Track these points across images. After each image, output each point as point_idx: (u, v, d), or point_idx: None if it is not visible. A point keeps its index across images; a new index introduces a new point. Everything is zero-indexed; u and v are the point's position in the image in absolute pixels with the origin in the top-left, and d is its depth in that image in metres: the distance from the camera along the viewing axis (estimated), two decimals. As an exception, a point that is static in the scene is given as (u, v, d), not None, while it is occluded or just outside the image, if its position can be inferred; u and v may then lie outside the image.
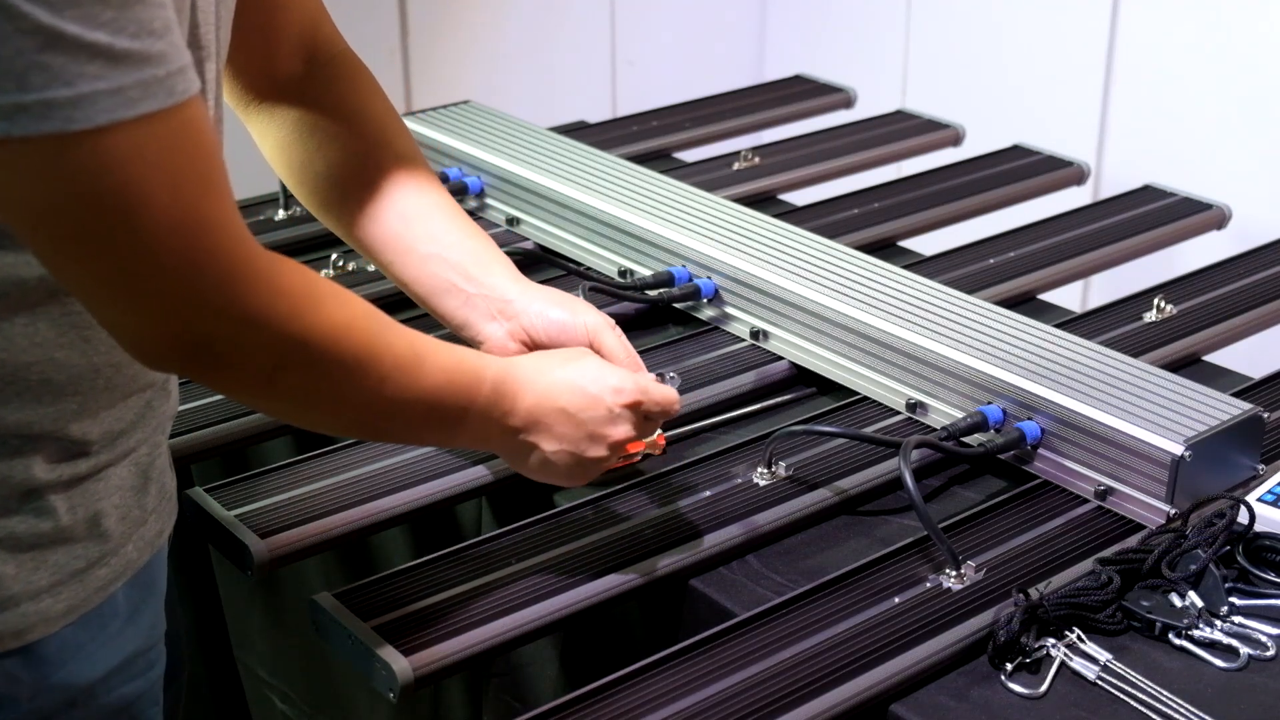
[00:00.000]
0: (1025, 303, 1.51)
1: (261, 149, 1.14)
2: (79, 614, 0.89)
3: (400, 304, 1.48)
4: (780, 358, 1.36)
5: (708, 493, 1.15)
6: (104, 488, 0.89)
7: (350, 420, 0.92)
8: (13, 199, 0.73)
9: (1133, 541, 1.09)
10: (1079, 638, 0.99)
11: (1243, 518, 1.07)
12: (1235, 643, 0.99)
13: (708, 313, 1.43)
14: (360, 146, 1.11)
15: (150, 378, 0.91)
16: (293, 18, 1.09)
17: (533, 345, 1.11)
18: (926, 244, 1.67)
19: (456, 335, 1.12)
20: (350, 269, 1.52)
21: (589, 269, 1.53)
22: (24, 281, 0.81)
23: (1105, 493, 1.13)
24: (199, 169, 0.76)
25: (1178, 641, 0.99)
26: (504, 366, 0.98)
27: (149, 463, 0.94)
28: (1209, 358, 1.40)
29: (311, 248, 1.60)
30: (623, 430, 1.01)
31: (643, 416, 1.02)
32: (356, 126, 1.11)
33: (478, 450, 1.07)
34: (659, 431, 1.23)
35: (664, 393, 1.04)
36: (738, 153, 1.85)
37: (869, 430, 1.23)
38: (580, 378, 1.00)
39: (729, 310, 1.41)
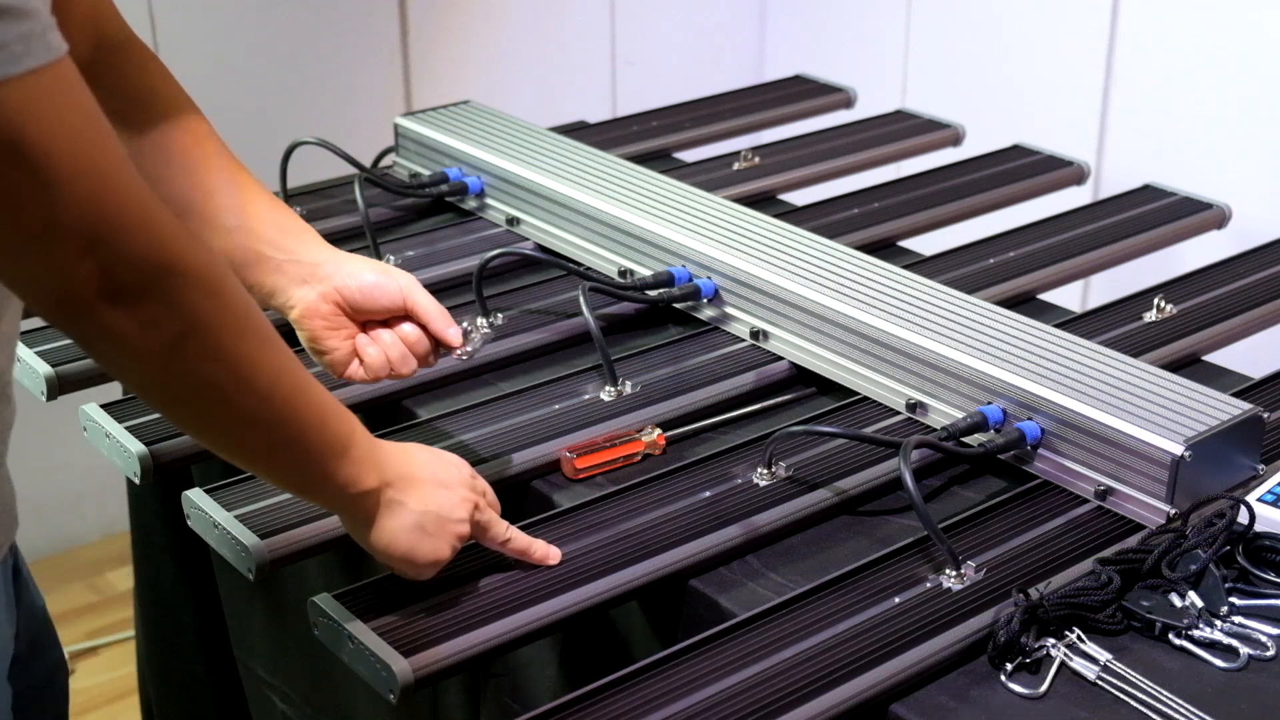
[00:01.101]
0: (1025, 303, 1.51)
1: None
2: None
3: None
4: (780, 358, 1.36)
5: (708, 493, 1.15)
6: None
7: (241, 414, 0.86)
8: None
9: (1133, 541, 1.09)
10: (1079, 638, 0.99)
11: (1243, 518, 1.07)
12: (1235, 643, 0.99)
13: (708, 313, 1.43)
14: (155, 127, 1.10)
15: None
16: (76, 4, 1.07)
17: (345, 306, 1.11)
18: (926, 244, 1.67)
19: (265, 304, 1.11)
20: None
21: (589, 269, 1.53)
22: None
23: (1105, 493, 1.13)
24: (91, 119, 0.76)
25: (1178, 641, 0.99)
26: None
27: None
28: (1209, 358, 1.40)
29: (311, 248, 1.59)
30: (472, 502, 1.01)
31: (482, 494, 1.03)
32: (149, 108, 1.10)
33: (333, 510, 0.99)
34: (658, 431, 1.23)
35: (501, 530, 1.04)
36: (738, 153, 1.85)
37: (869, 430, 1.23)
38: (429, 450, 1.01)
39: (729, 310, 1.41)
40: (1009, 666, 0.97)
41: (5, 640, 0.97)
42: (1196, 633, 0.99)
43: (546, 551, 1.05)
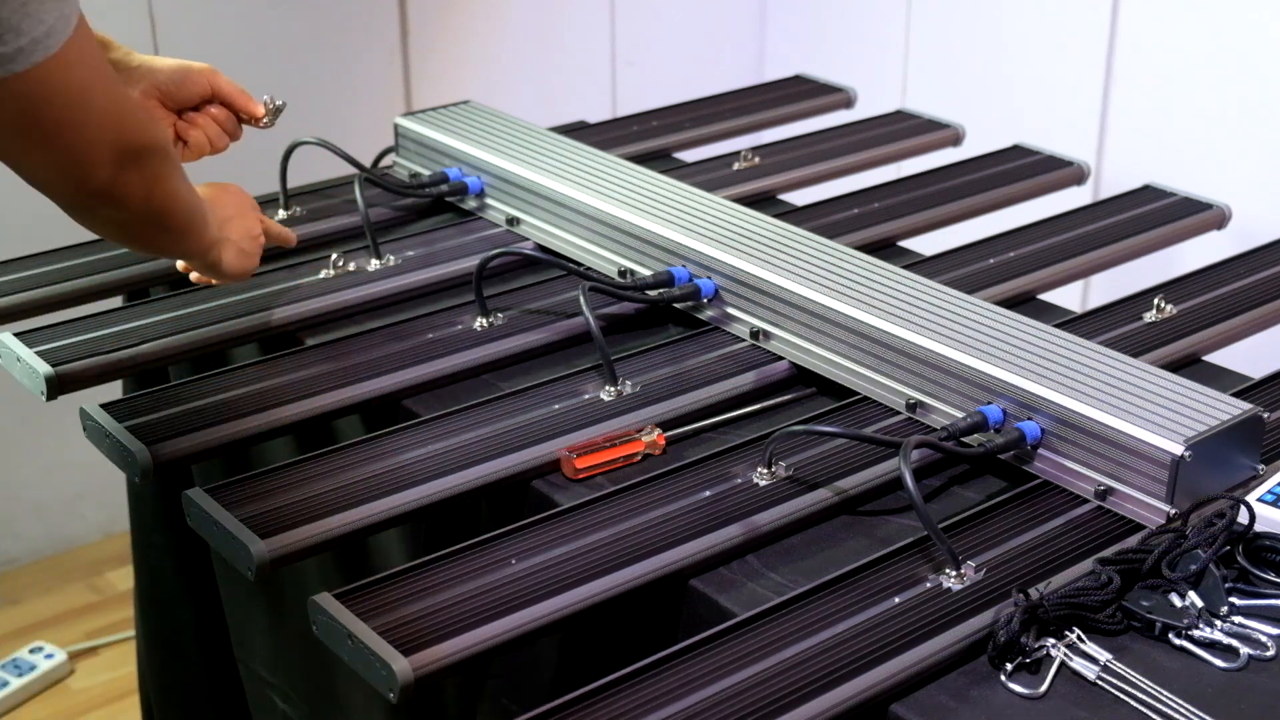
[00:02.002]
0: (1025, 303, 1.51)
1: None
2: None
3: (401, 306, 1.49)
4: (780, 358, 1.36)
5: (708, 493, 1.15)
6: None
7: (178, 227, 1.13)
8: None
9: (1133, 541, 1.09)
10: (1079, 638, 0.99)
11: (1243, 518, 1.07)
12: (1235, 643, 0.99)
13: (708, 313, 1.43)
14: None
15: None
16: None
17: (162, 98, 1.36)
18: (926, 244, 1.67)
19: None
20: (351, 269, 1.52)
21: (589, 269, 1.53)
22: None
23: (1105, 493, 1.13)
24: (100, 52, 0.99)
25: (1178, 641, 0.99)
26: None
27: None
28: (1209, 358, 1.40)
29: (312, 248, 1.60)
30: (258, 217, 1.32)
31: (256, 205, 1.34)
32: None
33: (198, 262, 1.28)
34: (658, 431, 1.23)
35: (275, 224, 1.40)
36: (738, 153, 1.85)
37: (869, 430, 1.23)
38: (217, 187, 1.29)
39: (729, 310, 1.41)
40: (1009, 666, 0.97)
41: None
42: (1196, 633, 0.99)
43: (288, 234, 1.43)
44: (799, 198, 1.80)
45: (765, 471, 1.17)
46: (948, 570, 1.04)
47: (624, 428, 1.24)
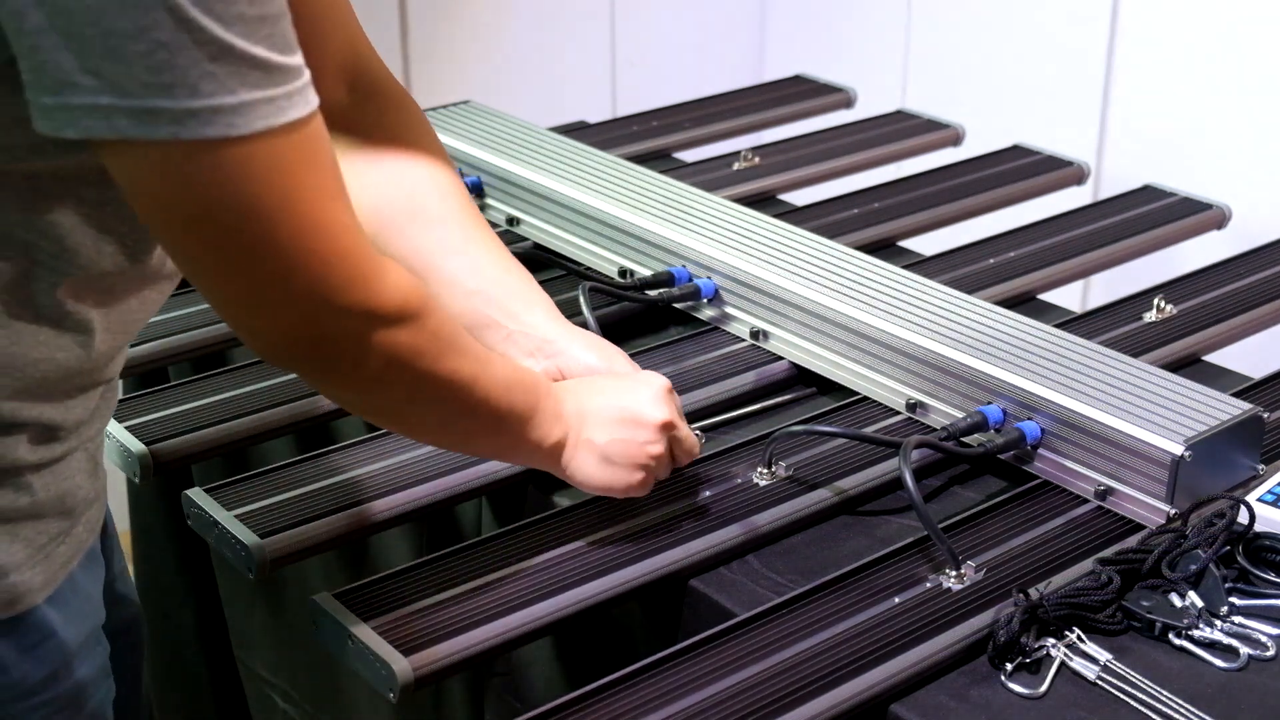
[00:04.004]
0: (1025, 303, 1.51)
1: None
2: (51, 589, 0.92)
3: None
4: (780, 358, 1.36)
5: (708, 493, 1.15)
6: (68, 469, 0.93)
7: (446, 417, 0.97)
8: (165, 202, 0.77)
9: (1133, 541, 1.09)
10: (1079, 638, 0.99)
11: (1243, 518, 1.07)
12: (1235, 643, 0.99)
13: (708, 313, 1.43)
14: (407, 183, 1.13)
15: (109, 373, 0.94)
16: (331, 47, 1.08)
17: None
18: (926, 244, 1.67)
19: None
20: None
21: (589, 269, 1.53)
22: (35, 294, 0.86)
23: (1105, 493, 1.13)
24: (328, 174, 0.81)
25: (1178, 641, 0.99)
26: (553, 381, 1.07)
27: (97, 449, 0.98)
28: (1209, 358, 1.40)
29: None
30: (660, 447, 1.07)
31: (671, 444, 1.09)
32: (404, 163, 1.13)
33: (538, 466, 1.07)
34: None
35: (690, 435, 1.11)
36: (738, 153, 1.85)
37: (869, 430, 1.23)
38: (627, 387, 1.08)
39: (729, 310, 1.41)
40: (1009, 666, 0.97)
41: (97, 604, 1.01)
42: (1196, 633, 0.99)
43: (693, 446, 1.12)
44: (799, 198, 1.80)
45: (765, 471, 1.17)
46: (948, 570, 1.04)
47: (624, 428, 1.24)
